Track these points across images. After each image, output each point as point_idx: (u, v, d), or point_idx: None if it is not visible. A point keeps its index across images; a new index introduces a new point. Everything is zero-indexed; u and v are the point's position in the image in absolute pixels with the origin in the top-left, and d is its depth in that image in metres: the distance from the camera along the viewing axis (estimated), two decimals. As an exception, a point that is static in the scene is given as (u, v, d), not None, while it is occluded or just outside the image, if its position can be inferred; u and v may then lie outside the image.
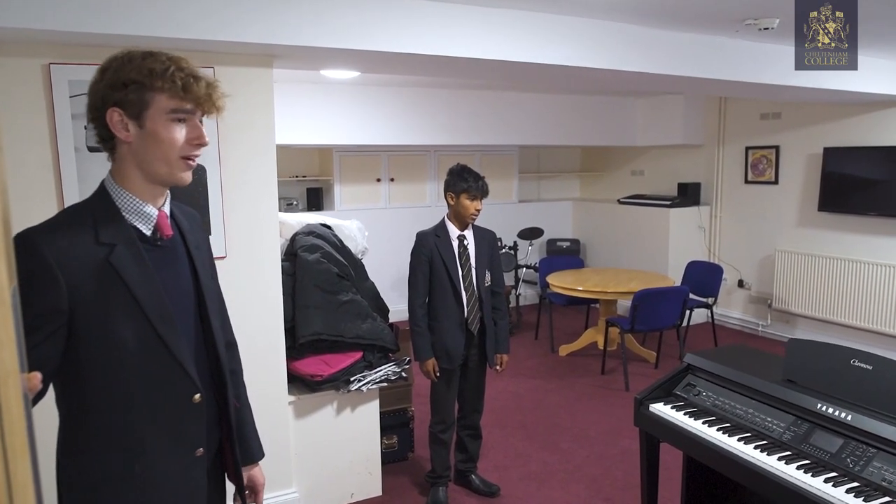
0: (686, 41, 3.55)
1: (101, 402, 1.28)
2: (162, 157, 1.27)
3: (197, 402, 1.36)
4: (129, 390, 1.29)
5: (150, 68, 1.23)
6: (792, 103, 5.73)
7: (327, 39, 2.66)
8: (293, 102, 5.58)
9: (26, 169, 2.46)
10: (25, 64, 2.42)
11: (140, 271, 1.27)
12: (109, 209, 1.28)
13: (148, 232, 1.32)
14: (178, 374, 1.33)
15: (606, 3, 2.97)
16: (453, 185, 3.04)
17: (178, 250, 1.39)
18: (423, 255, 3.04)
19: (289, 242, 3.37)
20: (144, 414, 1.30)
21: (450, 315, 3.05)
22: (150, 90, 1.23)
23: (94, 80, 1.27)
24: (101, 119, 1.25)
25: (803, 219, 5.80)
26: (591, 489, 3.37)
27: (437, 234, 3.07)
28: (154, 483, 1.32)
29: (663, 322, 4.84)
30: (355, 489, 3.28)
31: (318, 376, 3.02)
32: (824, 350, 2.28)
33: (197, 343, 1.41)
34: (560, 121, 6.90)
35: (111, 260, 1.24)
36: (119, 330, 1.25)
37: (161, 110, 1.25)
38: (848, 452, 1.98)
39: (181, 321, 1.35)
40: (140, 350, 1.28)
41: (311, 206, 6.44)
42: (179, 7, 2.38)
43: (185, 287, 1.39)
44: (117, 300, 1.25)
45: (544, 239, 7.41)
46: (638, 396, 2.55)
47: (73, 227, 1.25)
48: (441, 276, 3.04)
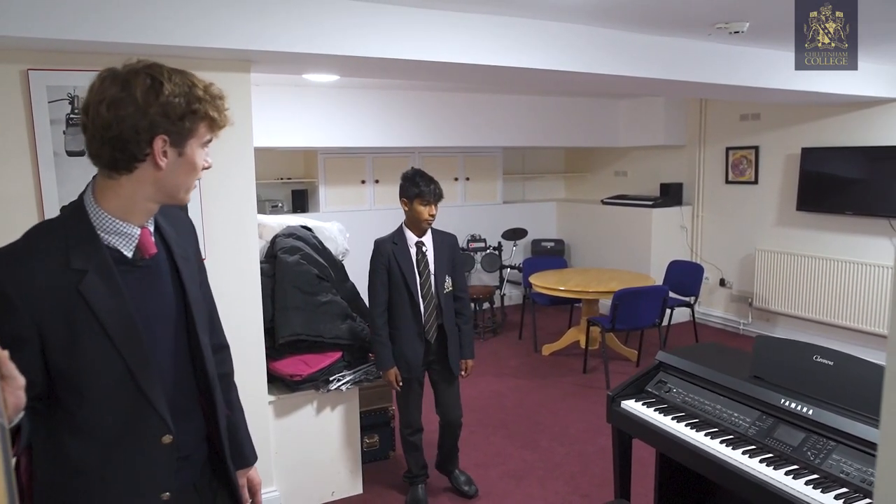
0: (660, 44, 3.62)
1: (67, 433, 1.23)
2: (185, 183, 1.26)
3: (166, 444, 1.29)
4: (96, 424, 1.23)
5: (201, 98, 1.21)
6: (771, 104, 5.82)
7: (304, 45, 2.70)
8: (278, 105, 5.61)
9: (5, 174, 2.49)
10: (3, 70, 2.44)
11: (112, 301, 1.20)
12: (85, 230, 1.21)
13: (129, 253, 1.26)
14: (148, 412, 1.26)
15: (581, 8, 3.03)
16: (406, 190, 3.00)
17: (161, 267, 1.32)
18: (381, 263, 3.00)
19: (269, 244, 3.41)
20: (109, 450, 1.25)
21: (407, 324, 3.02)
22: (200, 121, 1.22)
23: (133, 101, 1.16)
24: (141, 143, 1.18)
25: (782, 218, 5.89)
26: (569, 486, 3.42)
27: (394, 241, 3.03)
28: None
29: (643, 321, 4.91)
30: (336, 487, 3.32)
31: (298, 376, 3.06)
32: (789, 347, 2.35)
33: (181, 362, 1.36)
34: (543, 122, 6.96)
35: (80, 288, 1.17)
36: (88, 362, 1.20)
37: (199, 139, 1.24)
38: (809, 446, 2.05)
39: (161, 345, 1.30)
40: (109, 384, 1.22)
41: (296, 208, 6.46)
42: (157, 14, 2.41)
43: (169, 305, 1.33)
44: (86, 332, 1.19)
45: (529, 239, 7.47)
46: (610, 393, 2.61)
47: (40, 252, 1.19)
48: (398, 285, 2.99)
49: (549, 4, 2.95)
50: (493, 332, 6.43)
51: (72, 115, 2.55)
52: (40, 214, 2.54)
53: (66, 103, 2.54)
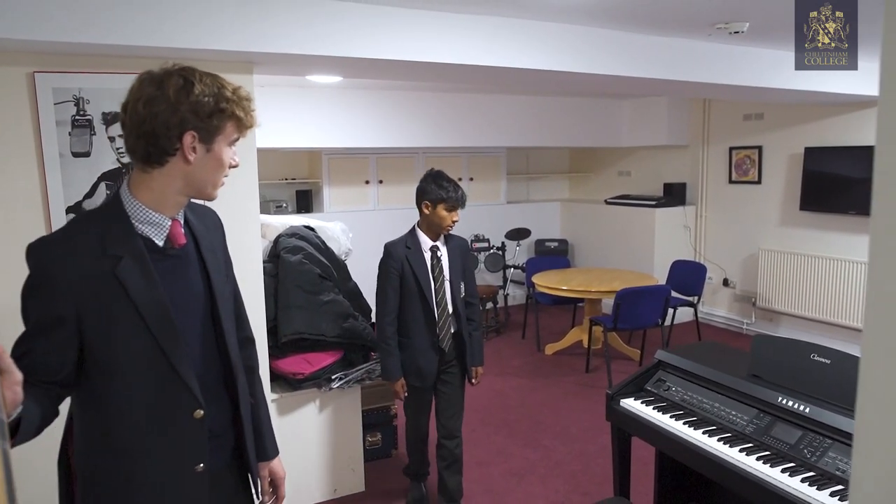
0: (660, 45, 3.63)
1: (107, 412, 1.32)
2: (213, 178, 1.35)
3: (198, 419, 1.37)
4: (132, 402, 1.31)
5: (233, 100, 1.30)
6: (774, 104, 5.82)
7: (306, 47, 2.73)
8: (282, 106, 5.65)
9: (12, 174, 2.52)
10: (10, 72, 2.48)
11: (146, 284, 1.28)
12: (121, 220, 1.30)
13: (160, 242, 1.34)
14: (180, 388, 1.34)
15: (581, 9, 3.05)
16: (429, 192, 2.80)
17: (190, 257, 1.40)
18: (393, 268, 2.83)
19: (272, 244, 3.45)
20: (145, 426, 1.33)
21: (421, 332, 2.87)
22: (227, 120, 1.31)
23: (166, 99, 1.25)
24: (172, 138, 1.26)
25: (786, 218, 5.89)
26: (570, 484, 3.44)
27: (407, 245, 2.85)
28: (158, 492, 1.35)
29: (645, 320, 4.92)
30: (338, 485, 3.35)
31: (300, 374, 3.09)
32: (786, 345, 2.36)
33: (208, 349, 1.43)
34: (547, 122, 6.98)
35: (116, 272, 1.26)
36: (122, 344, 1.28)
37: (227, 137, 1.33)
38: (806, 444, 2.06)
39: (190, 331, 1.37)
40: (143, 363, 1.30)
41: (300, 208, 6.50)
42: (160, 17, 2.45)
43: (197, 294, 1.41)
44: (121, 313, 1.27)
45: (532, 239, 7.49)
46: (609, 392, 2.62)
47: (80, 239, 1.27)
48: (412, 292, 2.83)
49: (549, 5, 2.97)
50: (497, 331, 6.45)
51: (77, 117, 2.59)
52: (46, 214, 2.58)
53: (72, 105, 2.57)
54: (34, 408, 1.19)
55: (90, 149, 2.62)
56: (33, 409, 1.19)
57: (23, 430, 1.15)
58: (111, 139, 2.65)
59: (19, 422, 1.14)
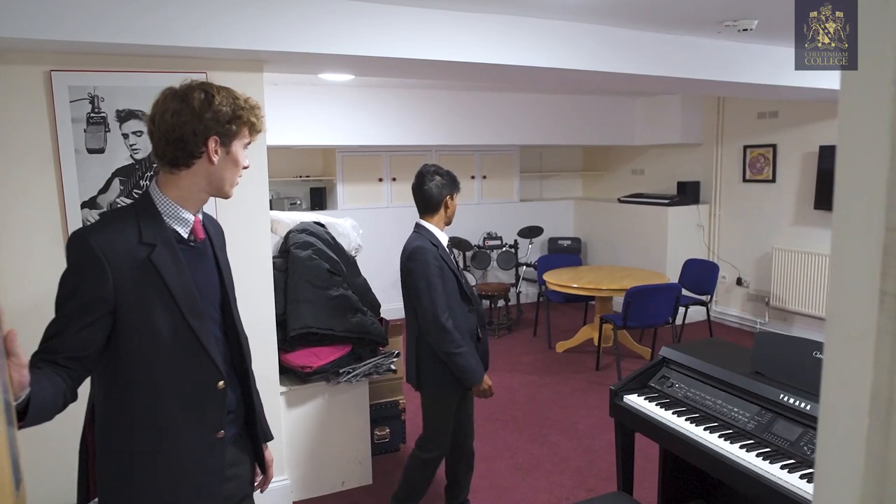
0: (670, 43, 3.63)
1: (135, 386, 1.44)
2: (231, 177, 1.53)
3: (220, 389, 1.52)
4: (161, 376, 1.45)
5: (248, 108, 1.50)
6: (788, 102, 5.78)
7: (315, 45, 2.77)
8: (297, 104, 5.71)
9: (29, 170, 2.60)
10: (27, 71, 2.55)
11: (176, 269, 1.45)
12: (152, 213, 1.47)
13: (185, 234, 1.51)
14: (205, 362, 1.49)
15: (591, 7, 3.06)
16: (447, 186, 2.73)
17: (207, 251, 1.58)
18: (435, 268, 2.65)
19: (282, 240, 3.50)
20: (173, 397, 1.47)
21: (467, 329, 2.73)
22: (243, 125, 1.49)
23: (191, 110, 1.43)
24: (198, 143, 1.44)
25: (800, 217, 5.85)
26: (574, 480, 3.46)
27: (433, 243, 2.70)
28: (178, 460, 1.48)
29: (655, 319, 4.91)
30: (346, 477, 3.39)
31: (308, 368, 3.14)
32: (789, 343, 2.36)
33: (221, 332, 1.59)
34: (559, 121, 6.98)
35: (152, 258, 1.42)
36: (155, 321, 1.42)
37: (242, 141, 1.52)
38: (806, 440, 2.07)
39: (208, 314, 1.52)
40: (172, 340, 1.44)
41: (314, 205, 6.56)
42: (173, 16, 2.50)
43: (213, 283, 1.58)
44: (155, 294, 1.42)
45: (545, 237, 7.49)
46: (613, 388, 2.64)
47: (119, 228, 1.43)
48: (453, 289, 2.71)
49: (561, 4, 2.99)
50: (508, 328, 6.47)
51: (92, 114, 2.66)
52: (61, 209, 2.65)
53: (87, 102, 2.64)
54: (48, 389, 1.27)
55: (104, 145, 2.69)
56: (47, 392, 1.26)
57: (32, 412, 1.20)
58: (125, 136, 2.71)
59: (27, 406, 1.19)
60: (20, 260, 2.63)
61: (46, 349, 1.34)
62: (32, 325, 1.49)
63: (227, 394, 1.55)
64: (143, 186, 2.76)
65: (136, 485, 1.47)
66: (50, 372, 1.30)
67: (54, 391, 1.28)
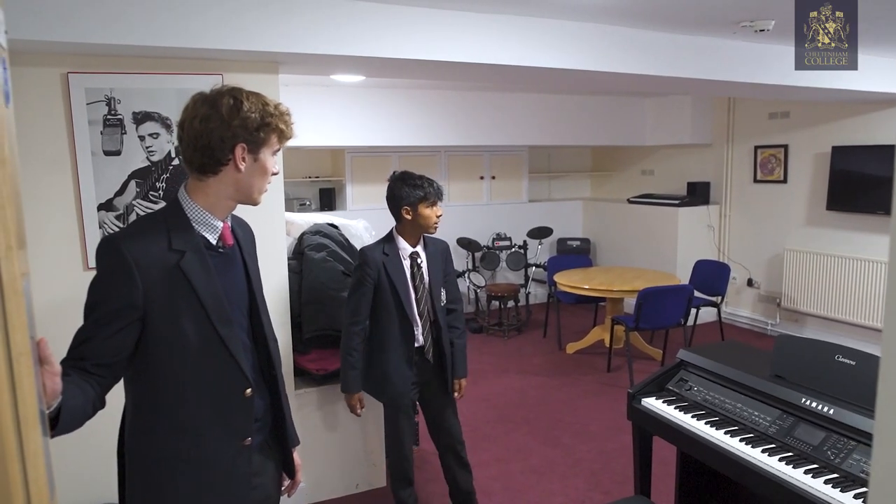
0: (685, 43, 3.61)
1: (164, 392, 1.44)
2: (260, 184, 1.50)
3: (247, 396, 1.52)
4: (190, 382, 1.45)
5: (277, 115, 1.47)
6: (800, 102, 5.75)
7: (329, 47, 2.76)
8: (306, 105, 5.70)
9: (46, 171, 2.60)
10: (45, 73, 2.55)
11: (205, 276, 1.44)
12: (182, 220, 1.46)
13: (214, 241, 1.50)
14: (233, 369, 1.49)
15: (604, 7, 3.04)
16: (405, 197, 2.63)
17: (235, 257, 1.57)
18: (369, 275, 2.63)
19: (296, 241, 3.49)
20: (201, 404, 1.46)
21: (396, 346, 2.68)
22: (272, 132, 1.47)
23: (219, 117, 1.41)
24: (226, 150, 1.42)
25: (812, 218, 5.82)
26: (589, 483, 3.45)
27: (384, 251, 2.67)
28: (206, 466, 1.48)
29: (667, 320, 4.89)
30: (360, 480, 3.39)
31: (323, 370, 3.13)
32: (810, 346, 2.34)
33: (249, 339, 1.58)
34: (568, 121, 6.97)
35: (181, 265, 1.41)
36: (184, 327, 1.41)
37: (271, 148, 1.49)
38: (829, 445, 2.05)
39: (236, 320, 1.51)
40: (201, 347, 1.44)
41: (323, 206, 6.56)
42: (189, 18, 2.50)
43: (241, 289, 1.57)
44: (184, 301, 1.41)
45: (554, 238, 7.48)
46: (631, 391, 2.62)
47: (149, 234, 1.42)
48: (387, 302, 2.64)
49: (572, 4, 2.97)
50: (518, 330, 6.46)
51: (108, 116, 2.65)
52: (78, 211, 2.65)
53: (103, 105, 2.64)
54: (79, 396, 1.26)
55: (121, 147, 2.69)
56: (77, 399, 1.25)
57: (63, 420, 1.20)
58: (141, 138, 2.71)
59: (59, 413, 1.19)
60: (36, 262, 2.63)
61: (75, 356, 1.33)
62: (50, 329, 1.47)
63: (254, 401, 1.54)
64: (159, 189, 2.76)
65: (164, 491, 1.46)
66: (79, 379, 1.29)
67: (84, 399, 1.28)
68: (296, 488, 1.81)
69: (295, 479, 1.79)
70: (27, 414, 0.84)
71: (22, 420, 0.83)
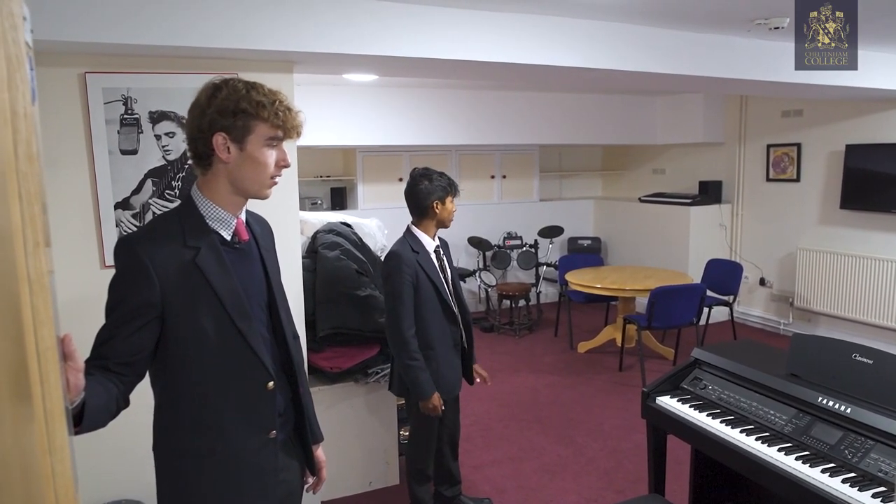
0: (698, 41, 3.60)
1: (187, 388, 1.45)
2: (255, 177, 1.45)
3: (270, 389, 1.51)
4: (211, 378, 1.44)
5: (258, 101, 1.39)
6: (813, 101, 5.71)
7: (344, 46, 2.77)
8: (317, 104, 5.72)
9: (64, 170, 2.62)
10: (63, 73, 2.58)
11: (221, 271, 1.43)
12: (196, 217, 1.45)
13: (228, 236, 1.48)
14: (254, 363, 1.48)
15: (617, 5, 3.04)
16: (437, 191, 2.68)
17: (252, 252, 1.55)
18: (408, 276, 2.62)
19: (310, 240, 3.51)
20: (224, 399, 1.46)
21: (445, 339, 2.72)
22: (255, 119, 1.39)
23: (199, 105, 1.40)
24: (206, 140, 1.39)
25: (825, 216, 5.77)
26: (603, 481, 3.44)
27: (414, 249, 2.68)
28: (232, 460, 1.48)
29: (680, 319, 4.87)
30: (374, 478, 3.40)
31: (337, 368, 3.14)
32: (827, 345, 2.33)
33: (268, 333, 1.57)
34: (580, 120, 6.95)
35: (197, 261, 1.40)
36: (203, 323, 1.41)
37: (260, 137, 1.42)
38: (847, 444, 2.03)
39: (255, 315, 1.50)
40: (221, 342, 1.43)
41: (334, 205, 6.58)
42: (204, 18, 2.51)
43: (258, 284, 1.55)
44: (202, 297, 1.41)
45: (566, 237, 7.46)
46: (645, 389, 2.62)
47: (165, 233, 1.42)
48: (429, 299, 2.67)
49: (585, 3, 2.96)
50: (529, 329, 6.45)
51: (125, 116, 2.68)
52: (95, 209, 2.67)
53: (120, 104, 2.66)
54: (102, 395, 1.27)
55: (137, 146, 2.71)
56: (101, 398, 1.26)
57: (87, 417, 1.21)
58: (157, 137, 2.73)
59: (82, 411, 1.20)
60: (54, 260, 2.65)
61: (97, 355, 1.34)
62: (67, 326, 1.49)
63: (276, 394, 1.53)
64: (175, 187, 2.77)
65: (191, 486, 1.47)
66: (102, 378, 1.30)
67: (108, 397, 1.29)
68: (321, 486, 1.80)
69: (320, 476, 1.78)
70: (53, 408, 0.85)
71: (48, 414, 0.84)
